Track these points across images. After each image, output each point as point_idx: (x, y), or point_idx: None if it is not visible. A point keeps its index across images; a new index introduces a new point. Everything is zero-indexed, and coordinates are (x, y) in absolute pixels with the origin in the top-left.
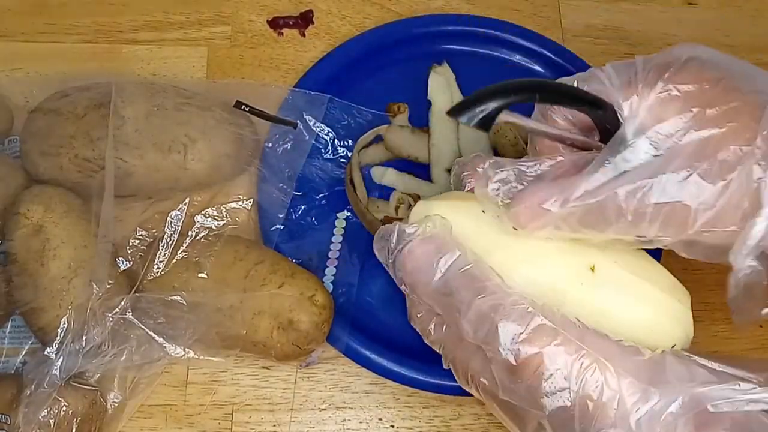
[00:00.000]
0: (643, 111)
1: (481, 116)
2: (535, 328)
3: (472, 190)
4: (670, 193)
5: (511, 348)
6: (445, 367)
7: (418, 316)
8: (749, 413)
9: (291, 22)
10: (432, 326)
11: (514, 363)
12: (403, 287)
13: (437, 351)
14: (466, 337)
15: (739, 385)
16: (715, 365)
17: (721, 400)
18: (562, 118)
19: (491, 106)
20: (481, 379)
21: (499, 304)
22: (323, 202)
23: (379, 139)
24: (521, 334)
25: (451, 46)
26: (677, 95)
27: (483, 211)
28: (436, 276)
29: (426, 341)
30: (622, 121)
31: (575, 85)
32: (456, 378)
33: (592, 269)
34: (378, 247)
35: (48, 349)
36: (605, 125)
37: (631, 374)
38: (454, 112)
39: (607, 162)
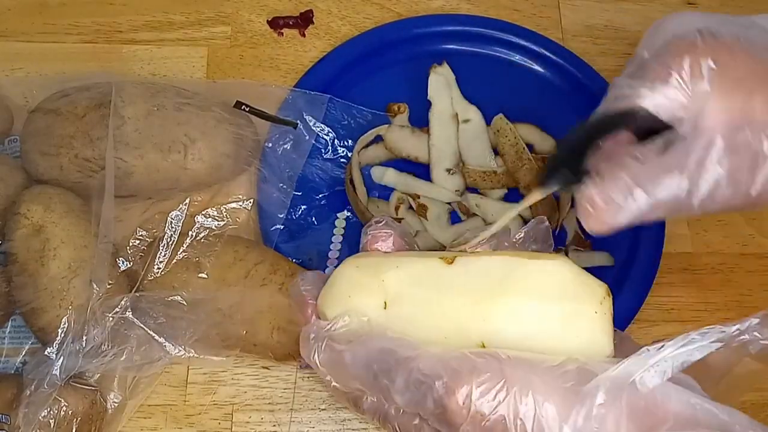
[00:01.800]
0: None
1: (563, 182)
2: (452, 373)
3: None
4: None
5: (443, 398)
6: None
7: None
8: (693, 405)
9: (291, 22)
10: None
11: (446, 415)
12: (334, 385)
13: (373, 423)
14: (403, 407)
15: (648, 349)
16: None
17: (639, 373)
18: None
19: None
20: None
21: (416, 368)
22: (323, 202)
23: (379, 139)
24: (445, 382)
25: (451, 46)
26: (705, 74)
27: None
28: (357, 365)
29: (359, 414)
30: (661, 117)
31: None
32: None
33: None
34: (304, 352)
35: (48, 349)
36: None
37: (557, 384)
38: (544, 182)
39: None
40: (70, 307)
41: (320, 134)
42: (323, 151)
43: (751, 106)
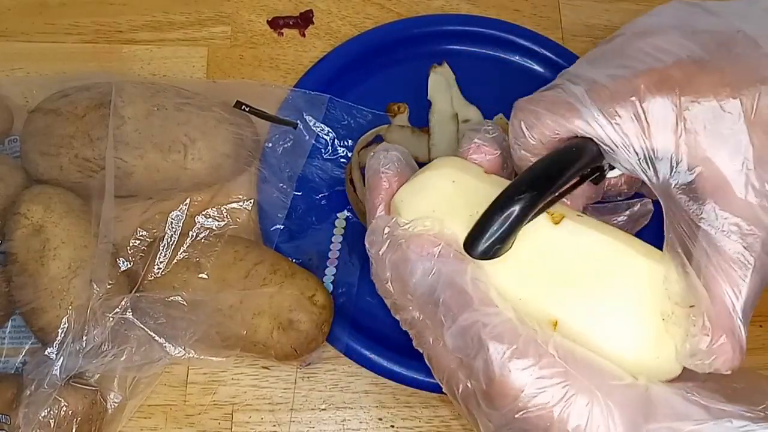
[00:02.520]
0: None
1: (493, 243)
2: (518, 350)
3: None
4: None
5: (495, 368)
6: (422, 353)
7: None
8: None
9: (291, 22)
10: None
11: (492, 387)
12: (387, 285)
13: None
14: (449, 348)
15: (732, 422)
16: (706, 398)
17: None
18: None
19: (501, 230)
20: (460, 385)
21: (483, 323)
22: (323, 202)
23: (379, 139)
24: (504, 355)
25: (451, 46)
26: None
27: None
28: (423, 281)
29: (403, 327)
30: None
31: (559, 123)
32: (432, 372)
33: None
34: (370, 240)
35: (48, 349)
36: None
37: (618, 408)
38: (467, 247)
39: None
40: (70, 307)
41: (320, 134)
42: (323, 151)
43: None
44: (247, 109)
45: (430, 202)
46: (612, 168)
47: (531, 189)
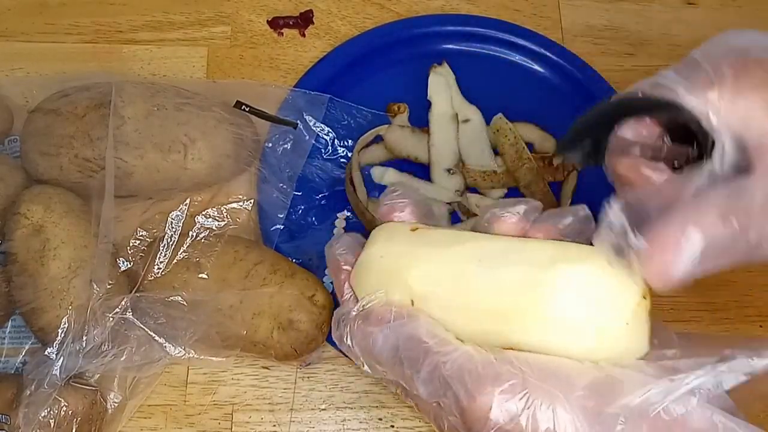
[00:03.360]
0: (731, 112)
1: (584, 153)
2: (477, 375)
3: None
4: None
5: (462, 399)
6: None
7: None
8: (715, 423)
9: (291, 22)
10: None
11: (466, 417)
12: (365, 369)
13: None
14: (425, 398)
15: (673, 379)
16: (664, 368)
17: (664, 403)
18: (632, 131)
19: (593, 139)
20: (444, 423)
21: (442, 362)
22: (323, 202)
23: (379, 139)
24: (467, 384)
25: (451, 46)
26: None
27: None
28: (386, 347)
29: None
30: (701, 121)
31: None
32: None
33: None
34: (336, 336)
35: (48, 349)
36: (681, 128)
37: (578, 401)
38: (560, 150)
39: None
40: (70, 307)
41: (320, 134)
42: (323, 151)
43: None
44: (247, 109)
45: (373, 279)
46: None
47: (621, 106)
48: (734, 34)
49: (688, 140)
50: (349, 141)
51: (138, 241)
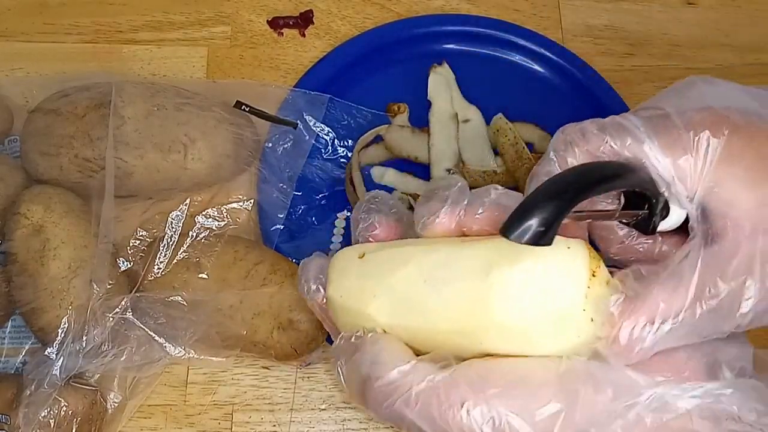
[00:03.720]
0: (699, 179)
1: (532, 232)
2: (440, 405)
3: None
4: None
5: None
6: None
7: None
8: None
9: (291, 22)
10: None
11: None
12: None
13: None
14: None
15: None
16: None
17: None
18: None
19: (543, 217)
20: None
21: (403, 401)
22: (323, 202)
23: (379, 139)
24: (429, 420)
25: (451, 46)
26: (729, 156)
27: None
28: (350, 386)
29: None
30: (660, 186)
31: (607, 141)
32: None
33: None
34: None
35: (48, 349)
36: (635, 189)
37: (537, 401)
38: (505, 230)
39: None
40: (70, 307)
41: (320, 134)
42: (323, 151)
43: None
44: (247, 109)
45: (342, 318)
46: (665, 216)
47: (578, 183)
48: (708, 85)
49: (636, 198)
50: (349, 141)
51: (138, 241)
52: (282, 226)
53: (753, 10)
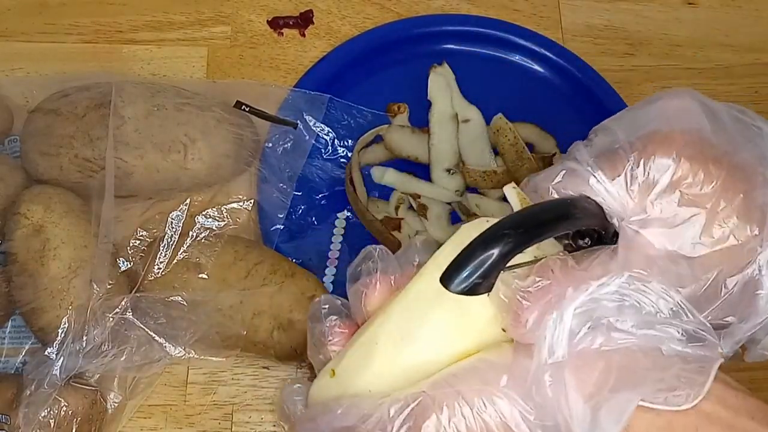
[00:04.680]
0: (632, 200)
1: (470, 283)
2: (412, 414)
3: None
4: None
5: None
6: None
7: None
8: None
9: (291, 22)
10: None
11: None
12: None
13: None
14: None
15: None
16: None
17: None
18: None
19: (483, 267)
20: None
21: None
22: (323, 202)
23: (379, 139)
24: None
25: (451, 46)
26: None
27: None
28: None
29: None
30: (614, 221)
31: (559, 180)
32: None
33: None
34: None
35: (48, 349)
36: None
37: (512, 388)
38: (444, 280)
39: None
40: (70, 307)
41: (320, 134)
42: (323, 151)
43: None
44: (247, 109)
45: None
46: (615, 242)
47: (517, 231)
48: (670, 99)
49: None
50: (349, 141)
51: (138, 241)
52: (282, 226)
53: (753, 10)
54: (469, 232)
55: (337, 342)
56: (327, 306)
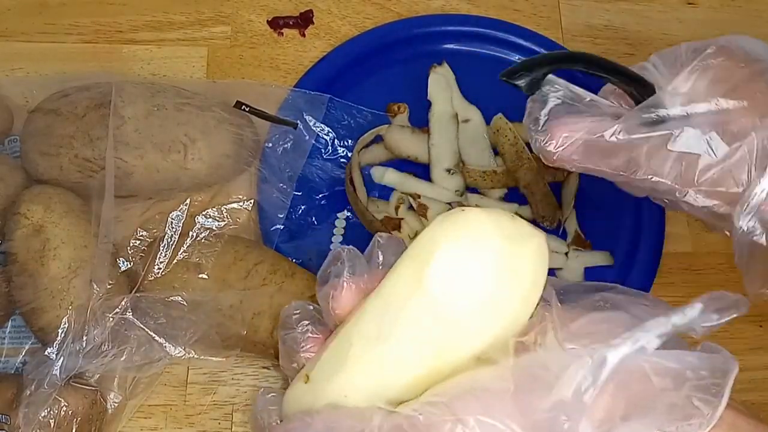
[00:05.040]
0: (677, 83)
1: (529, 78)
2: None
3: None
4: (689, 143)
5: None
6: None
7: None
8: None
9: (291, 22)
10: None
11: None
12: None
13: None
14: None
15: (590, 360)
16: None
17: (595, 384)
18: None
19: (542, 72)
20: None
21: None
22: (323, 202)
23: (379, 139)
24: None
25: (451, 46)
26: (708, 72)
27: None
28: None
29: None
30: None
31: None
32: None
33: None
34: None
35: (48, 349)
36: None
37: (515, 419)
38: (509, 75)
39: (644, 113)
40: (70, 307)
41: (320, 134)
42: (323, 151)
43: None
44: (247, 109)
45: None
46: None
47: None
48: (729, 36)
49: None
50: (349, 141)
51: (138, 241)
52: (282, 226)
53: (753, 10)
54: (442, 223)
55: (310, 348)
56: (298, 312)
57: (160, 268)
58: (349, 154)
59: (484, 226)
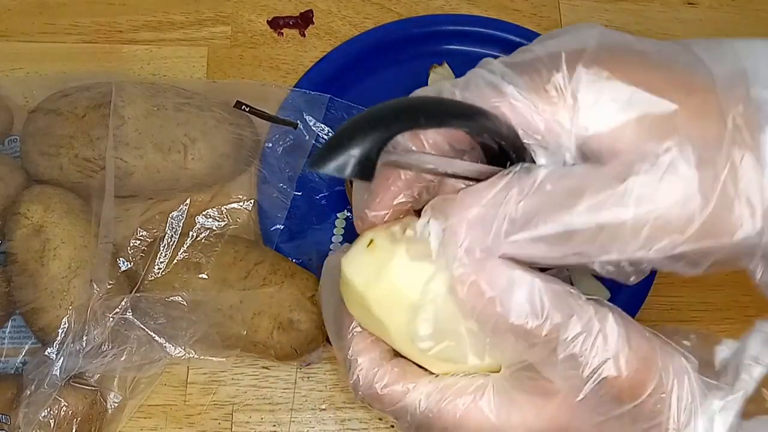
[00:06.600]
0: (560, 110)
1: (354, 164)
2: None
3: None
4: (648, 197)
5: None
6: None
7: None
8: None
9: (291, 22)
10: None
11: None
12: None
13: None
14: None
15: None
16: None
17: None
18: (433, 143)
19: (365, 147)
20: None
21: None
22: (323, 202)
23: None
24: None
25: (451, 46)
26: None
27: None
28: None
29: None
30: (521, 133)
31: (457, 95)
32: None
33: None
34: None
35: (48, 349)
36: (492, 142)
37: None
38: (314, 164)
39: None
40: (70, 307)
41: (320, 134)
42: None
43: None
44: (247, 109)
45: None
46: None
47: (399, 118)
48: (588, 29)
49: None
50: None
51: (138, 241)
52: (282, 226)
53: (753, 10)
54: None
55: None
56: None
57: (160, 268)
58: None
59: None
